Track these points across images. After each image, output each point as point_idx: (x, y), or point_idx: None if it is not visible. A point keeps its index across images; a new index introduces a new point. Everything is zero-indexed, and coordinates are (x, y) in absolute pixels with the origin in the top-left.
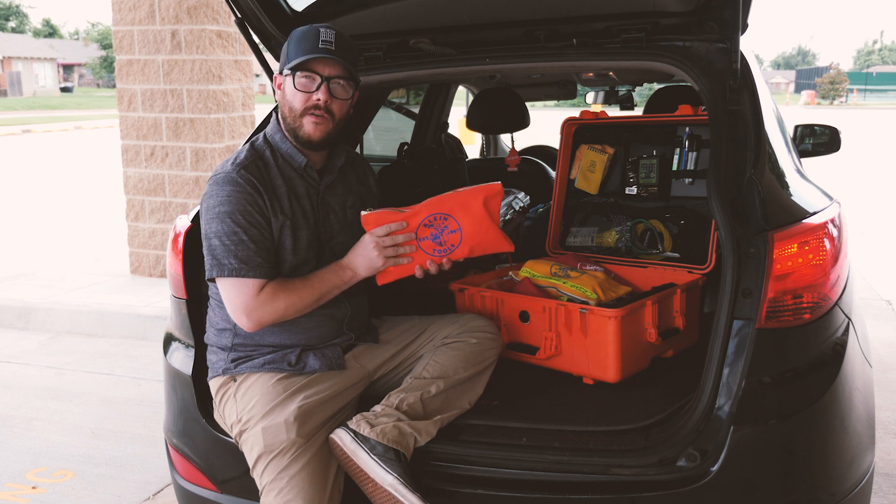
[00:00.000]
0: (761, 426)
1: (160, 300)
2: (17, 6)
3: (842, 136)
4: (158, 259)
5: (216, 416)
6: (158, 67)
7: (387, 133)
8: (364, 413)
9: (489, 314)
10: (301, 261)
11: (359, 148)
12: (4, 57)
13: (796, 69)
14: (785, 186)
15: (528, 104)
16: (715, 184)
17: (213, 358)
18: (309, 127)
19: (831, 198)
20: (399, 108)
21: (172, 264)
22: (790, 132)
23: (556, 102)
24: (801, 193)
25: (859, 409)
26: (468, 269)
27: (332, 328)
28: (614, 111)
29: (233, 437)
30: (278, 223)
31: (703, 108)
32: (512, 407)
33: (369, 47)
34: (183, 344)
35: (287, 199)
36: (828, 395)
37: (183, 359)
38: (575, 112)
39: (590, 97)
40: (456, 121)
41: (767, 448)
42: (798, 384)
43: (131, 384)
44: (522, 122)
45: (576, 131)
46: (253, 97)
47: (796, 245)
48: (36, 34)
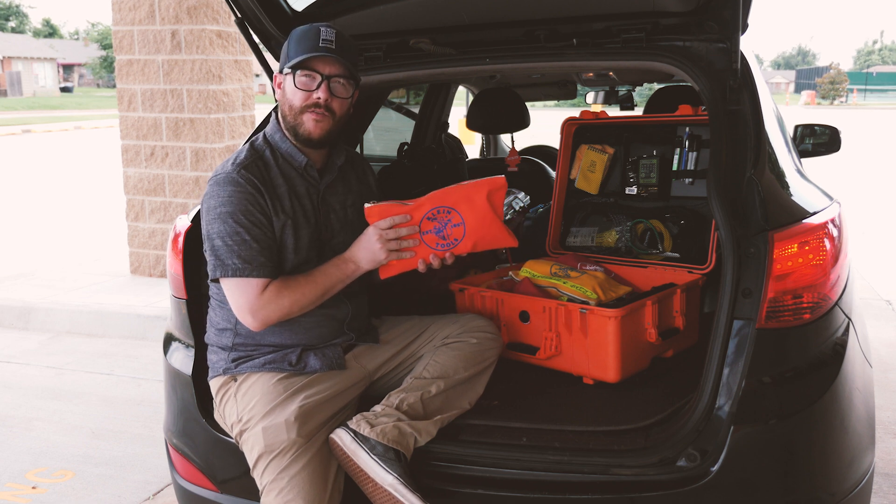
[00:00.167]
0: (761, 426)
1: (160, 300)
2: (17, 6)
3: (842, 136)
4: (158, 259)
5: (216, 416)
6: (158, 67)
7: (387, 133)
8: (364, 413)
9: (489, 314)
10: (302, 260)
11: (359, 148)
12: (4, 57)
13: (796, 69)
14: (785, 186)
15: (528, 104)
16: (715, 184)
17: (214, 358)
18: (309, 124)
19: (831, 198)
20: (399, 108)
21: (172, 264)
22: (790, 132)
23: (556, 102)
24: (801, 193)
25: (859, 409)
26: (468, 269)
27: (333, 328)
28: (614, 111)
29: (233, 437)
30: (279, 222)
31: (703, 108)
32: (512, 407)
33: (369, 47)
34: (183, 344)
35: (288, 199)
36: (828, 395)
37: (183, 359)
38: (575, 112)
39: (590, 97)
40: (456, 121)
41: (767, 448)
42: (798, 384)
43: (131, 384)
44: (522, 122)
45: (576, 131)
46: (253, 97)
47: (796, 245)
48: (36, 34)
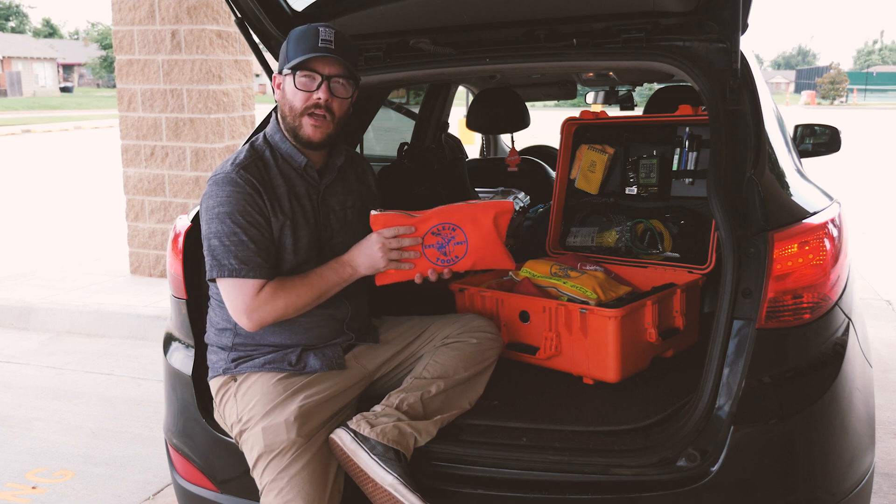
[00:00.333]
0: (761, 426)
1: (160, 300)
2: (17, 6)
3: (842, 136)
4: (158, 259)
5: (216, 416)
6: (158, 67)
7: (387, 133)
8: (364, 413)
9: (489, 314)
10: (301, 260)
11: (359, 148)
12: (4, 57)
13: (796, 69)
14: (785, 186)
15: (528, 104)
16: (715, 184)
17: (214, 358)
18: (308, 129)
19: (831, 198)
20: (399, 108)
21: (172, 264)
22: (790, 132)
23: (556, 102)
24: (801, 193)
25: (859, 409)
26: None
27: (333, 328)
28: (614, 111)
29: (233, 437)
30: (278, 223)
31: (703, 108)
32: (512, 407)
33: (369, 47)
34: (183, 344)
35: (287, 199)
36: (828, 395)
37: (183, 359)
38: (575, 112)
39: (590, 97)
40: (456, 121)
41: (767, 448)
42: (798, 384)
43: (131, 384)
44: (522, 122)
45: (576, 131)
46: (253, 97)
47: (796, 245)
48: (36, 34)
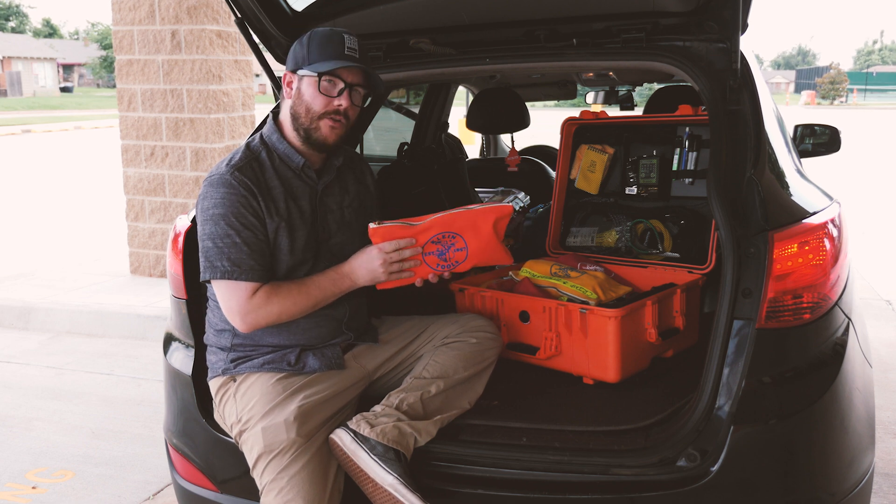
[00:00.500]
0: (761, 426)
1: (160, 300)
2: (17, 6)
3: (842, 136)
4: (158, 259)
5: (216, 416)
6: (158, 67)
7: (387, 133)
8: (364, 413)
9: (489, 314)
10: (298, 261)
11: (359, 148)
12: (4, 57)
13: (796, 69)
14: (785, 186)
15: (528, 104)
16: (715, 184)
17: (213, 358)
18: (326, 130)
19: (831, 198)
20: (399, 108)
21: (172, 264)
22: (790, 132)
23: (556, 102)
24: (801, 193)
25: (859, 409)
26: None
27: (332, 328)
28: (614, 111)
29: (233, 437)
30: (273, 224)
31: (703, 108)
32: (512, 407)
33: (369, 47)
34: (183, 344)
35: (283, 201)
36: (828, 395)
37: (183, 359)
38: (575, 112)
39: (590, 97)
40: (456, 121)
41: (767, 448)
42: (798, 384)
43: (131, 384)
44: (522, 122)
45: (576, 131)
46: (253, 97)
47: (796, 245)
48: (36, 34)
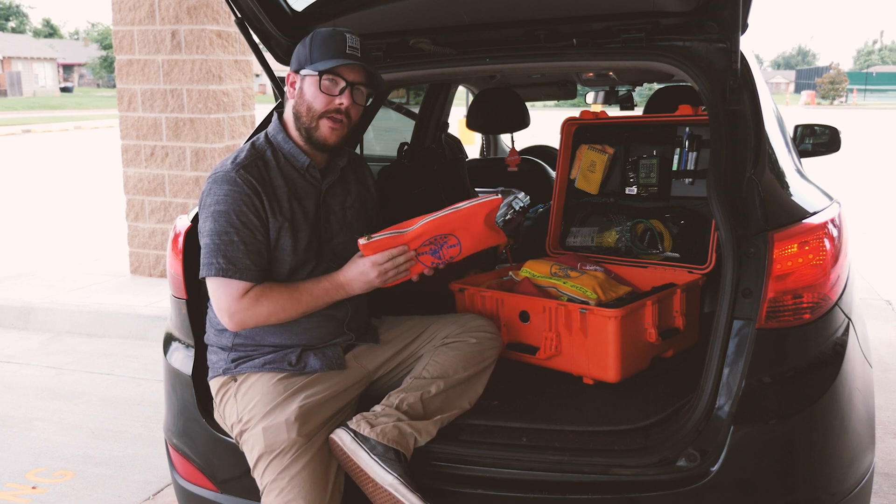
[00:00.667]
0: (761, 426)
1: (160, 300)
2: (17, 6)
3: (842, 136)
4: (158, 259)
5: (216, 416)
6: (158, 67)
7: (387, 133)
8: (364, 413)
9: (489, 314)
10: (300, 262)
11: (359, 148)
12: (4, 57)
13: (796, 69)
14: (785, 186)
15: (528, 104)
16: (715, 184)
17: (214, 358)
18: (325, 130)
19: (831, 198)
20: (399, 108)
21: (172, 264)
22: (790, 132)
23: (556, 102)
24: (801, 193)
25: (859, 409)
26: (468, 269)
27: (333, 328)
28: (614, 111)
29: (233, 437)
30: (277, 224)
31: (703, 108)
32: (512, 407)
33: (370, 47)
34: (183, 344)
35: (287, 200)
36: (828, 395)
37: (183, 359)
38: (575, 112)
39: (590, 97)
40: (456, 121)
41: (767, 448)
42: (798, 384)
43: (131, 384)
44: (522, 122)
45: (576, 131)
46: (253, 97)
47: (796, 245)
48: (36, 34)
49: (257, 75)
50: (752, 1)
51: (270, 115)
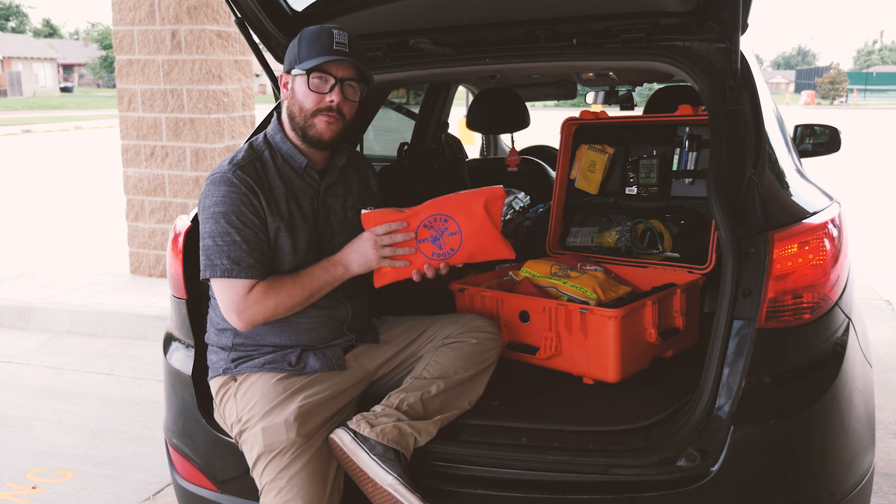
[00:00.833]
0: (761, 426)
1: (160, 300)
2: (17, 6)
3: (842, 136)
4: (158, 259)
5: (216, 416)
6: (158, 67)
7: (387, 133)
8: (364, 413)
9: (489, 314)
10: (300, 262)
11: (358, 148)
12: (4, 57)
13: (796, 69)
14: (785, 186)
15: (528, 104)
16: (715, 184)
17: (214, 358)
18: (321, 126)
19: (831, 198)
20: (399, 108)
21: (172, 264)
22: (790, 132)
23: (556, 102)
24: (801, 193)
25: (859, 409)
26: (468, 270)
27: (333, 329)
28: (614, 111)
29: (233, 437)
30: (274, 224)
31: (703, 108)
32: (512, 407)
33: (369, 47)
34: (183, 344)
35: (284, 201)
36: (828, 395)
37: (183, 359)
38: (575, 112)
39: (590, 97)
40: (456, 121)
41: (767, 448)
42: (798, 384)
43: (131, 384)
44: (522, 122)
45: (576, 131)
46: (253, 97)
47: (796, 245)
48: (36, 34)
49: (257, 75)
50: (752, 1)
51: (270, 116)
